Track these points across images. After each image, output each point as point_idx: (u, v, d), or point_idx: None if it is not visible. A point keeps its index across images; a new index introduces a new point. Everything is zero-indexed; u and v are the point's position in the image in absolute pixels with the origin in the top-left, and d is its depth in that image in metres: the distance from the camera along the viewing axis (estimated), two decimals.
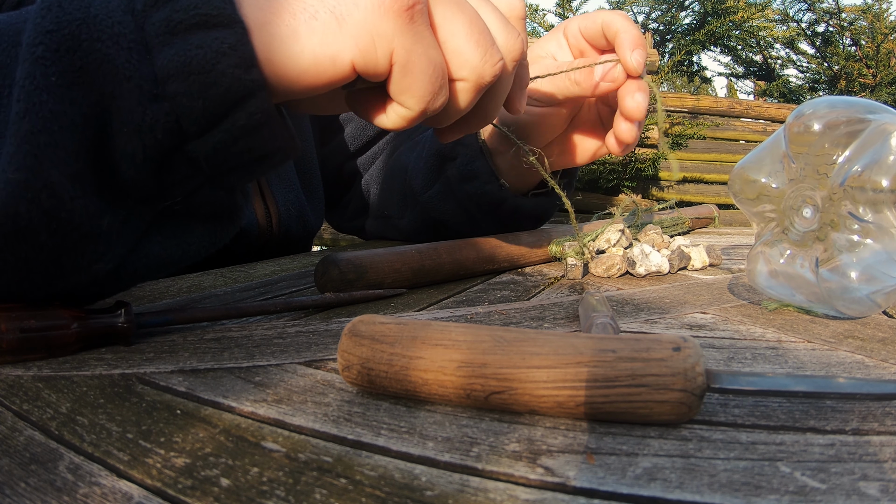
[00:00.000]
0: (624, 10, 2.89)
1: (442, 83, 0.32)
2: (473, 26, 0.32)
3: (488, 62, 0.32)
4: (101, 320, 0.32)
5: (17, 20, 0.29)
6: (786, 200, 0.39)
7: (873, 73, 3.63)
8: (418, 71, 0.31)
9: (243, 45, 0.28)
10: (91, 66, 0.27)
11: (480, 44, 0.32)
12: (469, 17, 0.32)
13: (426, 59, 0.31)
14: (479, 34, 0.32)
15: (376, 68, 0.31)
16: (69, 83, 0.27)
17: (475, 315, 0.39)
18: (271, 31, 0.29)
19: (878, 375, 0.28)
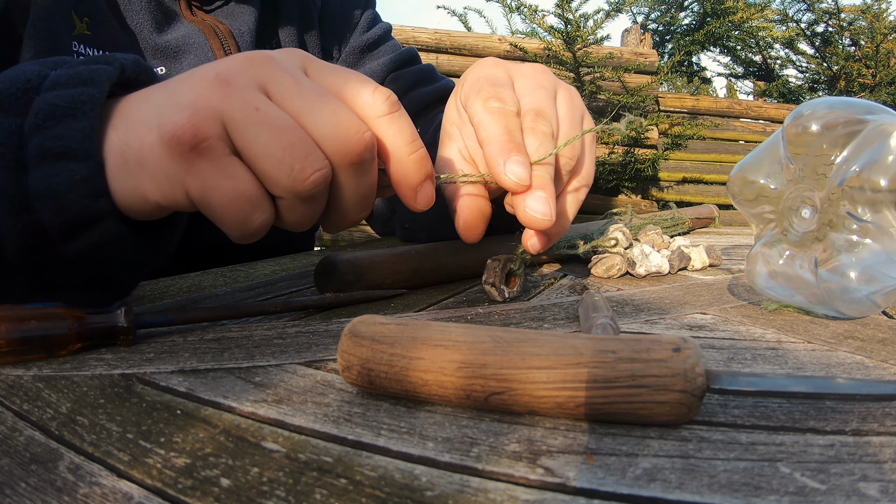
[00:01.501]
0: (623, 11, 2.90)
1: (248, 209, 0.31)
2: (279, 142, 0.30)
3: (297, 178, 0.31)
4: (102, 320, 0.32)
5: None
6: (785, 201, 0.39)
7: (873, 74, 3.63)
8: (216, 204, 0.31)
9: (94, 178, 0.31)
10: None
11: (284, 161, 0.30)
12: (273, 132, 0.30)
13: (222, 192, 0.31)
14: (282, 150, 0.30)
15: (178, 205, 0.32)
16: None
17: (475, 315, 0.39)
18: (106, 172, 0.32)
19: (877, 376, 0.28)
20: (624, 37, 3.43)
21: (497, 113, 0.39)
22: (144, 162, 0.31)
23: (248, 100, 0.31)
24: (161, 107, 0.32)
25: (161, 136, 0.30)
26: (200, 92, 0.31)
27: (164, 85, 0.34)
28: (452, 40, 2.84)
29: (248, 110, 0.30)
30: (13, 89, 0.32)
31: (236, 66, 0.32)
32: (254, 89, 0.31)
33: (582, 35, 2.68)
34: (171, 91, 0.32)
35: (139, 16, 0.61)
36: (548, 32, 2.76)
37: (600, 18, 2.79)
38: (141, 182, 0.32)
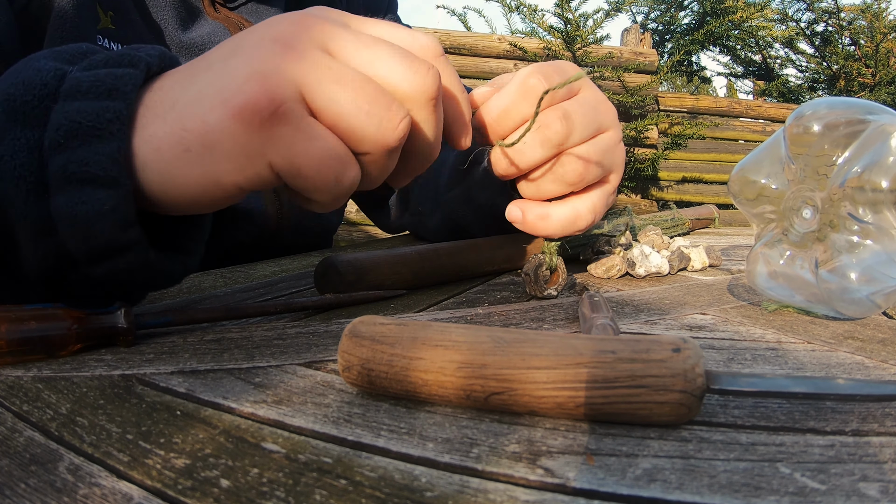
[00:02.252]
0: (623, 11, 2.90)
1: (340, 168, 0.30)
2: (359, 97, 0.29)
3: (387, 128, 0.30)
4: (101, 321, 0.32)
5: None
6: (785, 201, 0.39)
7: (872, 73, 3.63)
8: (307, 169, 0.29)
9: (124, 207, 0.30)
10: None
11: (372, 114, 0.29)
12: (352, 88, 0.29)
13: (311, 156, 0.29)
14: (368, 103, 0.29)
15: (262, 182, 0.31)
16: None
17: (475, 316, 0.39)
18: (158, 168, 0.31)
19: (877, 376, 0.28)
20: (623, 36, 3.43)
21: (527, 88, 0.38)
22: (214, 143, 0.29)
23: (317, 60, 0.29)
24: (218, 82, 0.29)
25: (231, 110, 0.28)
26: (264, 59, 0.29)
27: (205, 63, 0.31)
28: (452, 40, 2.84)
29: (321, 70, 0.29)
30: (29, 96, 0.30)
31: (292, 29, 0.30)
32: (317, 49, 0.30)
33: (581, 34, 2.68)
34: (222, 66, 0.30)
35: (163, 11, 0.60)
36: (547, 32, 2.76)
37: (600, 18, 2.79)
38: (212, 167, 0.30)
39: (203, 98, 0.29)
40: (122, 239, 0.31)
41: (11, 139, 0.30)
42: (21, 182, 0.30)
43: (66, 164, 0.29)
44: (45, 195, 0.30)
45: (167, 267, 0.34)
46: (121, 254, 0.31)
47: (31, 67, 0.31)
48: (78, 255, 0.31)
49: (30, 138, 0.30)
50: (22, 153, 0.30)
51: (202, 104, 0.29)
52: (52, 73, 0.31)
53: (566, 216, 0.42)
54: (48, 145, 0.30)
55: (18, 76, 0.31)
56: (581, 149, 0.40)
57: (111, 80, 0.30)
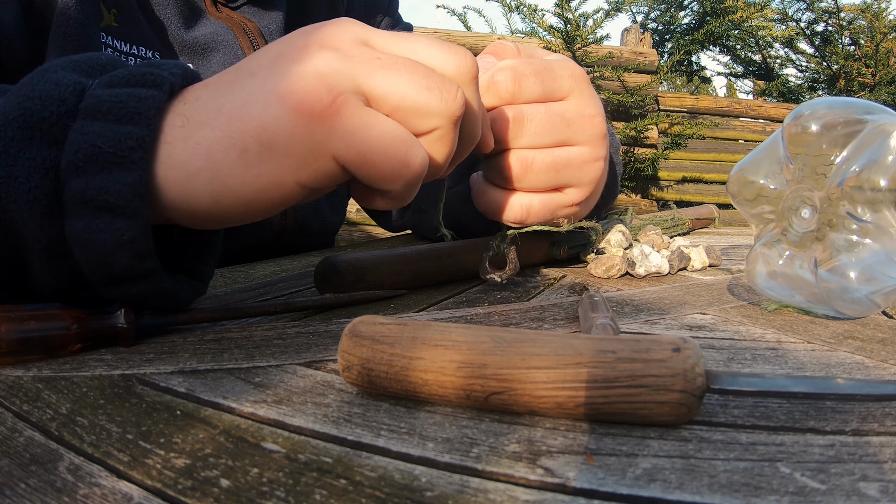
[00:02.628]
0: (623, 10, 2.90)
1: (406, 149, 0.30)
2: (416, 76, 0.30)
3: (448, 99, 0.30)
4: (101, 321, 0.32)
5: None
6: (784, 201, 0.39)
7: (872, 73, 3.63)
8: (374, 156, 0.29)
9: (142, 238, 0.30)
10: (6, 224, 0.29)
11: (432, 87, 0.30)
12: (406, 70, 0.30)
13: (376, 141, 0.29)
14: (425, 79, 0.30)
15: (328, 176, 0.30)
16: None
17: (475, 316, 0.39)
18: (209, 175, 0.30)
19: (877, 376, 0.28)
20: (623, 36, 3.43)
21: (495, 84, 0.39)
22: (273, 141, 0.29)
23: (365, 54, 0.30)
24: (269, 83, 0.29)
25: (290, 104, 0.28)
26: (313, 60, 0.29)
27: (245, 72, 0.31)
28: (452, 39, 2.84)
29: (373, 61, 0.29)
30: (46, 112, 0.29)
31: (332, 33, 0.30)
32: (363, 46, 0.30)
33: (581, 34, 2.68)
34: (269, 71, 0.30)
35: (166, 10, 0.60)
36: (547, 32, 2.76)
37: (600, 18, 2.79)
38: (271, 165, 0.29)
39: (255, 99, 0.29)
40: (139, 269, 0.30)
41: (27, 159, 0.29)
42: (35, 205, 0.29)
43: (84, 190, 0.29)
44: (59, 217, 0.29)
45: (178, 292, 0.35)
46: (135, 281, 0.31)
47: (48, 80, 0.30)
48: (92, 279, 0.31)
49: (46, 157, 0.29)
50: (37, 174, 0.29)
51: (255, 105, 0.29)
52: (71, 88, 0.30)
53: (497, 200, 0.44)
54: (65, 166, 0.29)
55: (35, 88, 0.30)
56: (528, 153, 0.41)
57: (134, 102, 0.29)
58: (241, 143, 0.29)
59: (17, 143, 0.29)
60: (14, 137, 0.29)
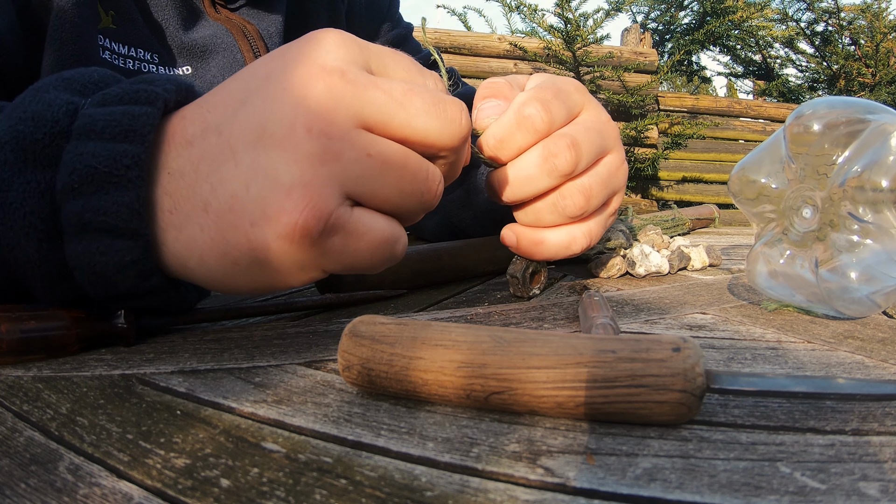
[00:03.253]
0: (623, 10, 2.89)
1: (391, 248, 0.30)
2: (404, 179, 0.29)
3: (427, 198, 0.31)
4: (101, 321, 0.32)
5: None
6: (785, 201, 0.39)
7: (872, 73, 3.63)
8: (360, 264, 0.30)
9: (145, 258, 0.29)
10: (3, 251, 0.29)
11: (415, 192, 0.30)
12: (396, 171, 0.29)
13: (362, 253, 0.29)
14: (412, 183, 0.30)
15: (313, 280, 0.31)
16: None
17: (475, 316, 0.39)
18: (203, 274, 0.30)
19: (877, 376, 0.28)
20: (624, 36, 3.43)
21: (526, 120, 0.38)
22: (263, 261, 0.28)
23: (357, 151, 0.28)
24: (254, 186, 0.27)
25: (279, 231, 0.27)
26: (300, 161, 0.27)
27: (226, 141, 0.28)
28: (452, 39, 2.84)
29: (363, 162, 0.28)
30: (39, 133, 0.29)
31: (324, 105, 0.27)
32: (355, 129, 0.28)
33: (582, 34, 2.68)
34: (252, 160, 0.27)
35: (164, 11, 0.59)
36: (547, 32, 2.76)
37: (600, 18, 2.79)
38: (263, 278, 0.29)
39: (241, 208, 0.27)
40: (145, 286, 0.30)
41: (21, 183, 0.28)
42: (32, 230, 0.28)
43: (81, 212, 0.28)
44: (58, 240, 0.29)
45: (185, 296, 0.34)
46: (142, 297, 0.31)
47: (40, 100, 0.30)
48: (97, 298, 0.31)
49: (41, 181, 0.28)
50: (33, 198, 0.28)
51: (242, 215, 0.27)
52: (64, 108, 0.29)
53: (561, 241, 0.41)
54: (61, 189, 0.28)
55: (27, 109, 0.29)
56: (584, 180, 0.40)
57: (128, 120, 0.29)
58: (232, 257, 0.29)
59: (10, 166, 0.29)
60: (7, 161, 0.29)
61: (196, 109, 0.30)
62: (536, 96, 0.39)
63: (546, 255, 0.42)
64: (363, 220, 0.29)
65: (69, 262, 0.29)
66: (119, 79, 0.33)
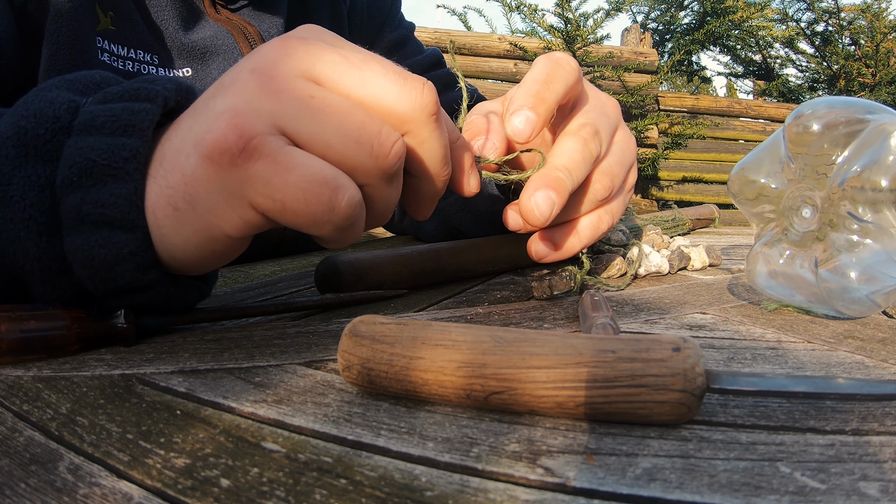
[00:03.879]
0: (623, 10, 2.90)
1: (329, 193, 0.27)
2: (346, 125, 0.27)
3: (379, 154, 0.28)
4: (101, 321, 0.32)
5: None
6: (785, 201, 0.39)
7: (872, 73, 3.63)
8: (291, 202, 0.27)
9: (143, 250, 0.29)
10: (3, 242, 0.29)
11: (362, 141, 0.27)
12: (338, 116, 0.27)
13: (291, 185, 0.26)
14: (356, 130, 0.27)
15: (252, 226, 0.28)
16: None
17: (475, 315, 0.39)
18: (157, 233, 0.29)
19: (877, 376, 0.28)
20: (624, 36, 3.43)
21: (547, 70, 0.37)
22: (195, 195, 0.28)
23: (297, 89, 0.27)
24: (195, 125, 0.28)
25: (201, 152, 0.26)
26: (238, 93, 0.27)
27: (193, 107, 0.30)
28: (452, 39, 2.84)
29: (304, 100, 0.27)
30: (41, 129, 0.29)
31: (273, 56, 0.28)
32: (299, 77, 0.28)
33: (582, 34, 2.68)
34: (203, 107, 0.28)
35: (164, 12, 0.59)
36: (548, 32, 2.76)
37: (600, 18, 2.79)
38: (199, 221, 0.28)
39: (182, 146, 0.28)
40: (143, 280, 0.30)
41: (22, 177, 0.29)
42: (32, 223, 0.29)
43: (80, 205, 0.28)
44: (57, 234, 0.29)
45: (185, 295, 0.34)
46: (141, 292, 0.31)
47: (42, 98, 0.30)
48: (96, 294, 0.31)
49: (41, 175, 0.29)
50: (32, 192, 0.29)
51: (181, 153, 0.28)
52: (66, 106, 0.30)
53: (591, 224, 0.42)
54: (60, 182, 0.28)
55: (29, 107, 0.30)
56: (605, 163, 0.40)
57: (127, 115, 0.29)
58: (173, 200, 0.28)
59: (11, 161, 0.29)
60: (9, 156, 0.29)
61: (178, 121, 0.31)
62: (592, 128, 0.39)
63: (583, 244, 0.42)
64: (296, 154, 0.27)
65: (68, 256, 0.29)
66: (121, 80, 0.33)
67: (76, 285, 0.30)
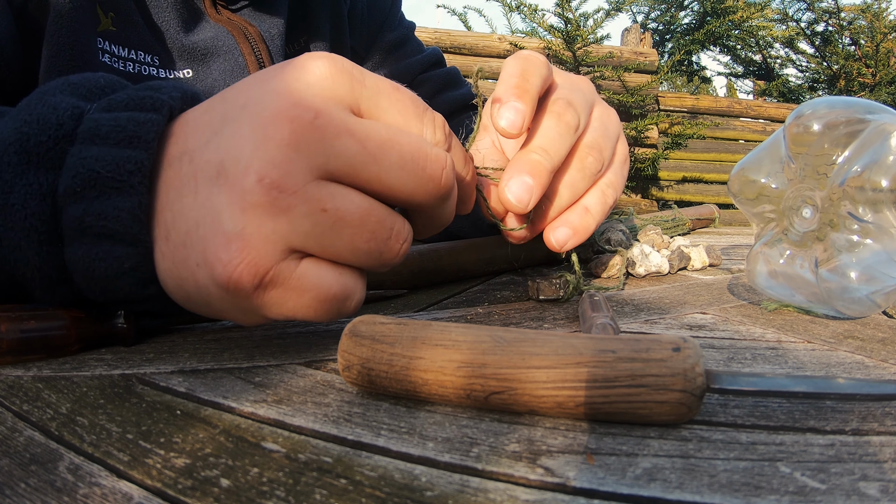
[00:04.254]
0: (623, 10, 2.90)
1: (338, 305, 0.29)
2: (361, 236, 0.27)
3: (387, 258, 0.29)
4: (101, 321, 0.32)
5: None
6: (785, 201, 0.39)
7: (873, 73, 3.63)
8: (303, 316, 0.28)
9: (143, 265, 0.29)
10: (4, 250, 0.29)
11: (373, 251, 0.28)
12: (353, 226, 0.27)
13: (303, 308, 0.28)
14: (369, 242, 0.28)
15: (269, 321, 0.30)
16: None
17: (475, 315, 0.39)
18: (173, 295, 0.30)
19: (877, 376, 0.28)
20: (624, 36, 3.43)
21: (521, 65, 0.37)
22: (209, 300, 0.28)
23: (310, 205, 0.26)
24: (202, 224, 0.27)
25: (215, 279, 0.26)
26: (247, 213, 0.26)
27: (191, 170, 0.28)
28: (452, 39, 2.84)
29: (315, 217, 0.26)
30: (44, 136, 0.29)
31: (285, 157, 0.26)
32: (313, 183, 0.26)
33: (582, 34, 2.68)
34: (207, 194, 0.27)
35: (165, 13, 0.59)
36: (548, 32, 2.76)
37: (600, 18, 2.79)
38: (216, 313, 0.30)
39: (190, 243, 0.27)
40: (142, 294, 0.30)
41: (24, 185, 0.28)
42: (33, 233, 0.28)
43: (82, 216, 0.28)
44: (58, 244, 0.29)
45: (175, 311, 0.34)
46: (139, 304, 0.31)
47: (46, 103, 0.30)
48: (95, 302, 0.31)
49: (42, 183, 0.28)
50: (34, 201, 0.28)
51: (191, 252, 0.27)
52: (69, 112, 0.29)
53: (598, 200, 0.41)
54: (63, 191, 0.28)
55: (32, 112, 0.29)
56: (587, 137, 0.40)
57: (132, 126, 0.29)
58: (185, 290, 0.29)
59: (13, 168, 0.29)
60: (11, 163, 0.29)
61: (185, 127, 0.30)
62: (568, 103, 0.38)
63: (597, 221, 0.42)
64: (308, 275, 0.27)
65: (68, 266, 0.29)
66: (125, 85, 0.33)
67: (76, 293, 0.30)
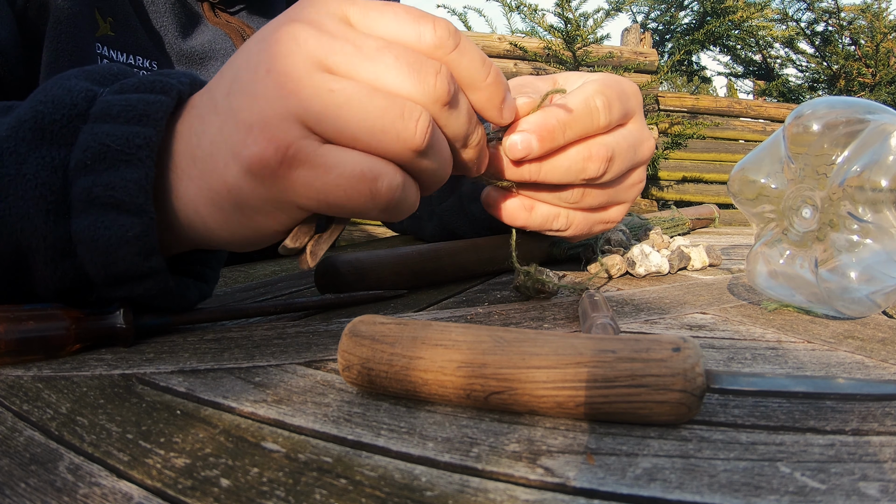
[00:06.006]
0: (623, 10, 2.90)
1: (369, 184, 0.28)
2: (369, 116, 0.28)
3: (406, 137, 0.28)
4: (101, 321, 0.32)
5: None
6: (785, 201, 0.39)
7: (872, 73, 3.63)
8: (336, 199, 0.28)
9: (146, 235, 0.30)
10: (12, 219, 0.30)
11: (387, 129, 0.28)
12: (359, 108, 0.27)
13: (334, 185, 0.28)
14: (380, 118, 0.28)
15: (307, 216, 0.31)
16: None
17: (475, 315, 0.39)
18: (204, 225, 0.31)
19: (877, 376, 0.28)
20: (624, 36, 3.43)
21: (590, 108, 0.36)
22: (241, 202, 0.29)
23: (317, 86, 0.27)
24: (225, 130, 0.29)
25: (243, 166, 0.28)
26: (262, 99, 0.28)
27: (211, 101, 0.30)
28: None
29: (323, 96, 0.27)
30: (58, 115, 0.30)
31: (286, 50, 0.28)
32: (316, 71, 0.28)
33: (582, 34, 2.68)
34: (227, 107, 0.29)
35: (164, 17, 0.59)
36: (548, 31, 2.76)
37: (600, 17, 2.79)
38: (249, 222, 0.30)
39: (216, 151, 0.29)
40: (143, 266, 0.31)
41: (36, 158, 0.30)
42: (41, 201, 0.29)
43: (91, 187, 0.29)
44: (66, 216, 0.30)
45: (184, 293, 0.35)
46: (140, 281, 0.31)
47: (61, 86, 0.31)
48: (96, 279, 0.31)
49: (55, 157, 0.30)
50: (45, 171, 0.30)
51: (217, 159, 0.29)
52: (83, 94, 0.31)
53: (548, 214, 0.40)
54: (74, 165, 0.29)
55: (48, 94, 0.31)
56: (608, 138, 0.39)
57: (142, 105, 0.30)
58: (217, 202, 0.30)
59: (27, 143, 0.30)
60: (25, 138, 0.30)
61: (192, 109, 0.32)
62: (603, 91, 0.37)
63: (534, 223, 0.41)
64: (331, 153, 0.28)
65: (74, 237, 0.30)
66: (137, 73, 0.34)
67: (78, 269, 0.31)
